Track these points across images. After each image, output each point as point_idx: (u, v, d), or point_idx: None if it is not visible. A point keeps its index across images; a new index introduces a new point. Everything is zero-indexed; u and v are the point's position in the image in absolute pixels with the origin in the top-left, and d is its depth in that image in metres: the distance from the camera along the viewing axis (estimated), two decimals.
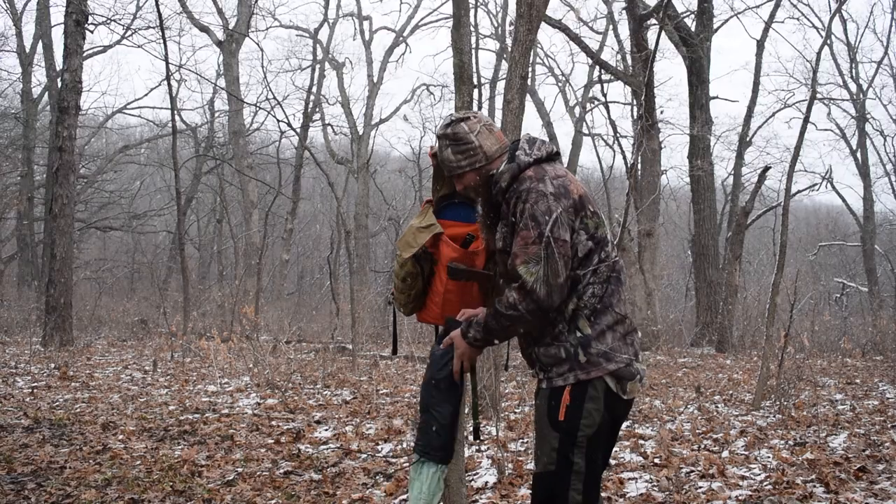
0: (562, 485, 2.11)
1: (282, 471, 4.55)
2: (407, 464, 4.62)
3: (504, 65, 21.90)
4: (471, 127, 2.27)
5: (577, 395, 2.11)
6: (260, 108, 21.66)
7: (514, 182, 2.17)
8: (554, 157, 2.24)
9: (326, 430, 5.77)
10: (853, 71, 23.33)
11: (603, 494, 3.96)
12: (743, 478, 4.27)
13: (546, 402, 2.17)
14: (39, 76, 28.71)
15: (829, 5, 19.91)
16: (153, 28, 18.19)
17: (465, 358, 2.34)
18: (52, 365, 9.26)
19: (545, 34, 32.99)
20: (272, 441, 5.36)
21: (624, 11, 16.16)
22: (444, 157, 2.31)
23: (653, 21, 14.48)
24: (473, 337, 2.25)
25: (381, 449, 5.13)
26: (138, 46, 18.84)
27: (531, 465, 4.28)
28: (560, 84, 24.89)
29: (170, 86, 13.30)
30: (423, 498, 2.41)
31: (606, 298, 2.14)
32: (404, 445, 5.15)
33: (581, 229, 2.12)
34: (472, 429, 2.65)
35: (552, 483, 2.13)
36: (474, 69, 12.50)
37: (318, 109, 23.80)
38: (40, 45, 21.10)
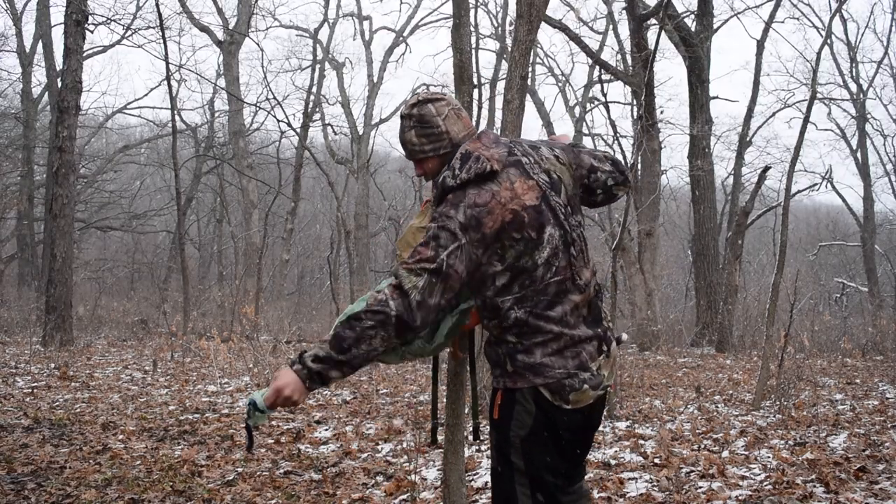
0: (509, 482, 2.11)
1: (282, 471, 4.55)
2: (406, 463, 4.62)
3: (504, 65, 21.90)
4: (439, 110, 2.14)
5: (507, 397, 2.09)
6: (260, 108, 21.67)
7: (440, 200, 2.10)
8: (486, 177, 2.04)
9: (326, 430, 5.77)
10: (853, 71, 23.37)
11: (603, 494, 3.96)
12: (743, 478, 4.28)
13: (489, 399, 2.18)
14: (39, 76, 28.76)
15: (830, 5, 19.93)
16: (153, 28, 18.19)
17: (283, 392, 1.96)
18: (52, 365, 9.26)
19: (545, 34, 33.02)
20: (272, 441, 5.36)
21: (624, 11, 16.17)
22: (407, 140, 2.17)
23: (653, 21, 14.49)
24: (311, 356, 1.95)
25: (381, 449, 5.13)
26: (138, 46, 18.85)
27: None
28: (560, 84, 24.91)
29: (170, 86, 13.32)
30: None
31: (533, 321, 2.04)
32: (404, 445, 5.15)
33: (495, 261, 2.02)
34: (471, 429, 2.65)
35: (500, 480, 2.14)
36: (474, 69, 12.50)
37: (318, 109, 23.82)
38: (40, 45, 21.09)
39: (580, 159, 2.26)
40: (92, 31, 13.66)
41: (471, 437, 2.73)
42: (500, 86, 21.54)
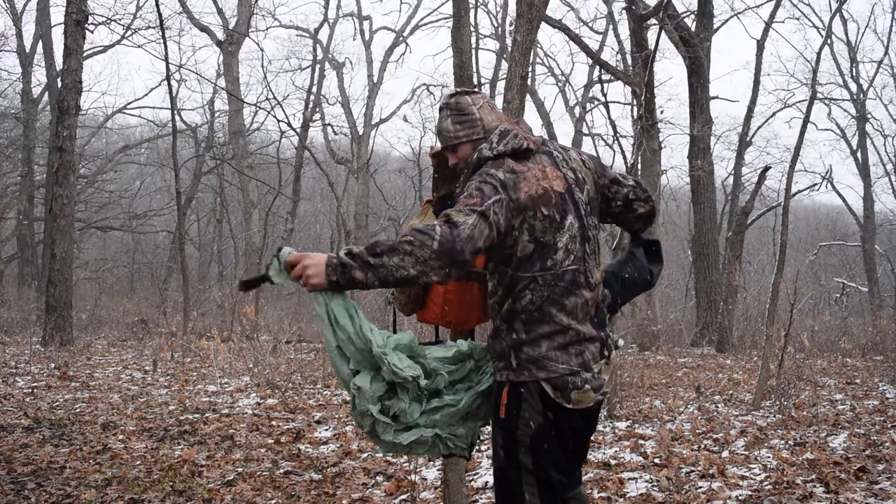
0: (515, 482, 2.10)
1: (282, 471, 4.55)
2: (406, 463, 4.62)
3: (504, 65, 21.91)
4: (474, 100, 2.27)
5: (513, 394, 2.09)
6: (260, 108, 21.67)
7: (475, 171, 2.16)
8: (522, 153, 2.16)
9: (326, 430, 5.77)
10: (853, 71, 23.35)
11: (603, 494, 3.96)
12: (743, 478, 4.28)
13: (494, 397, 2.16)
14: (39, 76, 28.69)
15: (830, 5, 19.94)
16: (153, 28, 18.20)
17: (305, 261, 1.96)
18: (52, 365, 9.26)
19: (545, 34, 33.01)
20: (272, 441, 5.36)
21: (624, 11, 16.17)
22: (443, 127, 2.29)
23: (653, 21, 14.48)
24: (346, 249, 1.96)
25: None
26: (138, 46, 18.87)
27: None
28: (560, 84, 24.92)
29: (170, 86, 13.31)
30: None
31: (545, 307, 2.07)
32: None
33: (525, 229, 2.06)
34: None
35: (506, 480, 2.13)
36: (474, 69, 12.50)
37: (318, 109, 23.79)
38: (40, 45, 21.11)
39: (605, 170, 2.36)
40: (92, 31, 13.67)
41: None
42: (500, 86, 21.55)
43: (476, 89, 2.35)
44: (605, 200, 2.36)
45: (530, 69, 22.07)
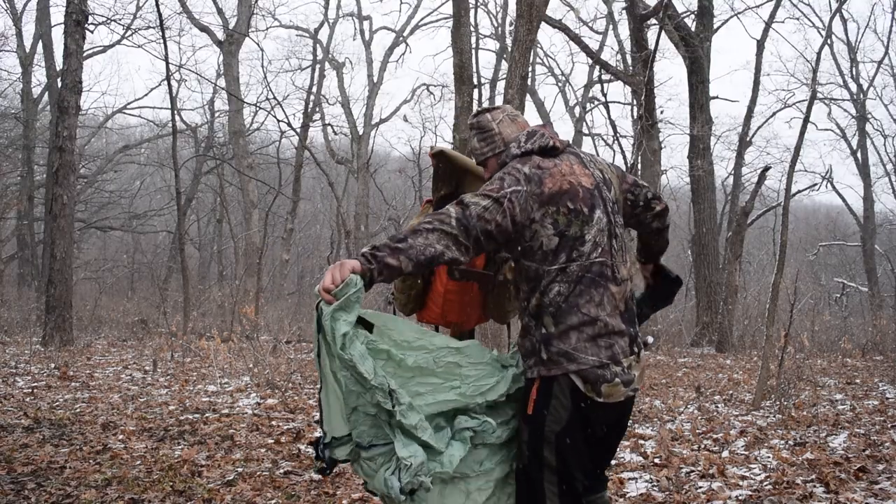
0: (536, 480, 2.11)
1: (282, 471, 4.55)
2: None
3: (504, 65, 21.92)
4: (493, 116, 2.38)
5: (543, 390, 2.11)
6: (260, 108, 21.69)
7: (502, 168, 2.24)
8: (548, 150, 2.23)
9: None
10: (853, 71, 23.35)
11: None
12: (743, 478, 4.28)
13: (523, 394, 2.19)
14: (39, 76, 28.70)
15: (830, 5, 19.94)
16: (153, 28, 18.23)
17: (343, 262, 1.99)
18: (52, 365, 9.26)
19: (545, 34, 33.06)
20: (272, 441, 5.36)
21: (624, 11, 16.17)
22: (472, 147, 2.43)
23: (653, 21, 14.48)
24: (371, 246, 2.00)
25: None
26: (138, 46, 18.90)
27: None
28: (560, 84, 24.95)
29: (170, 86, 13.33)
30: None
31: (573, 298, 2.10)
32: None
33: (547, 224, 2.10)
34: None
35: (528, 478, 2.14)
36: (474, 69, 12.50)
37: (318, 109, 23.81)
38: (40, 45, 21.08)
39: (625, 176, 2.44)
40: (92, 31, 13.67)
41: None
42: (500, 86, 21.55)
43: (499, 105, 2.46)
44: (629, 203, 2.42)
45: (530, 69, 22.07)
